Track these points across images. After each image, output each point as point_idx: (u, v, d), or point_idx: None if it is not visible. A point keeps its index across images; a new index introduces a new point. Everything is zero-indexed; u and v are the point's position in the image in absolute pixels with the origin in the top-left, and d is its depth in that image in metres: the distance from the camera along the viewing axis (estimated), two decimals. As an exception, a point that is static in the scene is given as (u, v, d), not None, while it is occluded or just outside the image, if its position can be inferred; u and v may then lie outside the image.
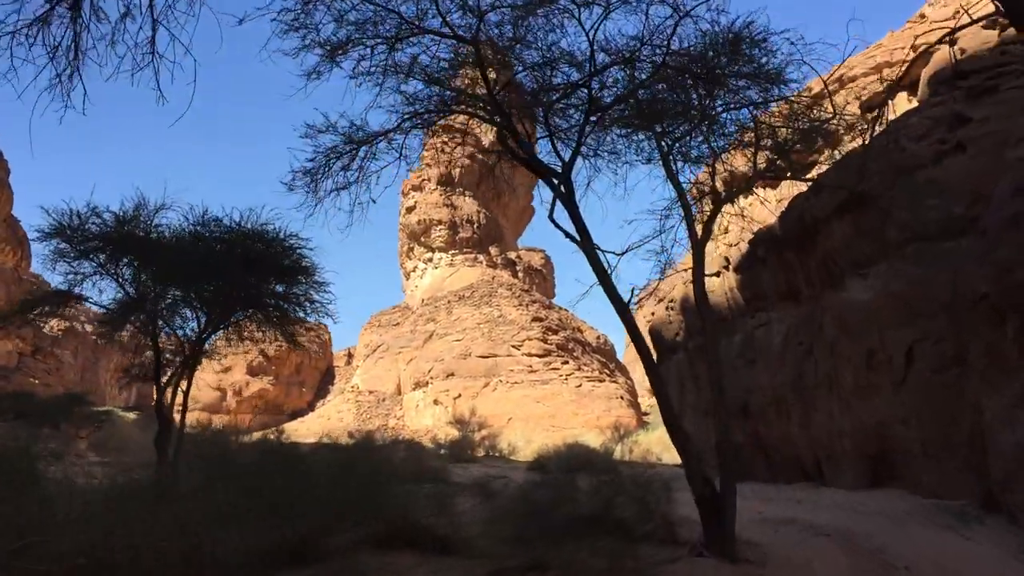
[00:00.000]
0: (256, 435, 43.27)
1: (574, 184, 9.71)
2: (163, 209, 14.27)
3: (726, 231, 24.99)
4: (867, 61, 20.65)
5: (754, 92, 10.30)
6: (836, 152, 12.22)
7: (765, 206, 21.07)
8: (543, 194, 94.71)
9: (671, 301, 25.70)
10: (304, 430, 60.68)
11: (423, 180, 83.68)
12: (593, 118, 9.93)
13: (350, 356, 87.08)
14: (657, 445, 35.12)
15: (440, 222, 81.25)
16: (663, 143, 10.32)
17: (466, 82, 10.51)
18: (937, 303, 12.66)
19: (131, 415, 68.20)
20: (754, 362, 19.53)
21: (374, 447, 29.19)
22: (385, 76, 8.74)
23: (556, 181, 9.69)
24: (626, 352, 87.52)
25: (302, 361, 74.27)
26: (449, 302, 75.32)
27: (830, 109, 11.65)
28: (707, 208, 10.69)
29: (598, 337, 76.41)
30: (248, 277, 14.02)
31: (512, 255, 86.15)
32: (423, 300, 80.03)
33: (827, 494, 14.98)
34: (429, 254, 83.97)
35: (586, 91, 9.56)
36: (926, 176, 13.35)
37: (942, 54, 15.73)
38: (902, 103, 23.25)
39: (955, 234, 12.77)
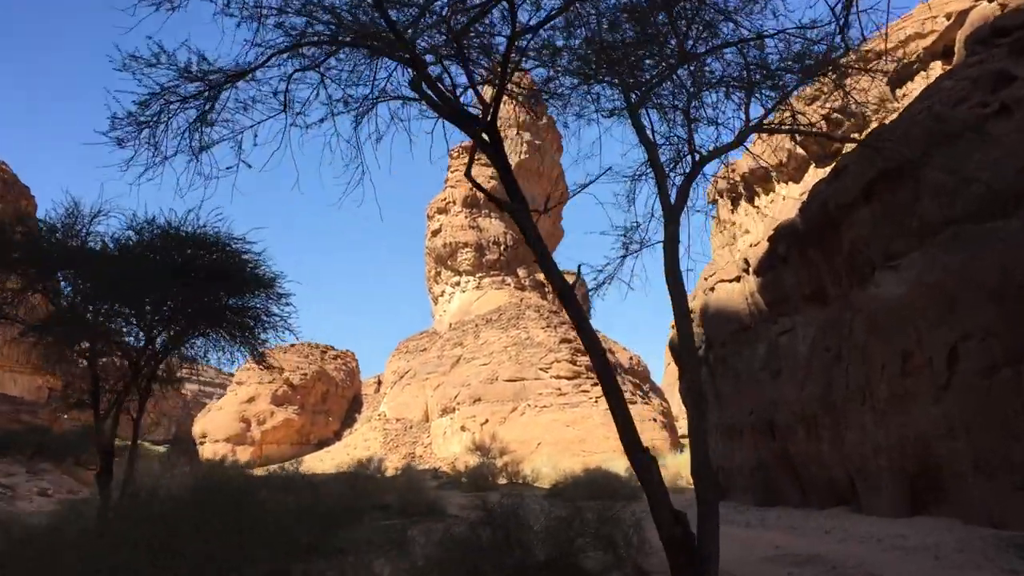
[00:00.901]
0: (269, 468, 42.00)
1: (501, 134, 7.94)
2: (100, 216, 12.88)
3: (746, 232, 23.10)
4: (896, 34, 18.75)
5: (744, 24, 8.27)
6: (848, 98, 10.07)
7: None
8: (573, 213, 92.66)
9: (690, 312, 23.73)
10: (329, 460, 59.28)
11: (448, 202, 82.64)
12: (523, 43, 8.13)
13: (379, 384, 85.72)
14: (688, 468, 32.89)
15: (466, 245, 79.97)
16: (631, 93, 8.45)
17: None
18: (983, 293, 10.63)
19: (160, 448, 67.65)
20: (779, 373, 17.49)
21: (371, 478, 27.63)
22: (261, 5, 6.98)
23: (477, 128, 7.95)
24: (665, 374, 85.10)
25: (328, 390, 72.96)
26: (476, 325, 73.73)
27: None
28: (684, 171, 8.73)
29: (631, 358, 74.20)
30: (191, 289, 12.47)
31: (541, 277, 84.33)
32: (451, 324, 78.57)
33: (862, 523, 12.86)
34: (456, 278, 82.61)
35: (507, 4, 7.66)
36: (966, 145, 11.36)
37: (979, 12, 13.78)
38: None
39: (1002, 211, 10.76)
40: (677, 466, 34.62)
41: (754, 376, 18.51)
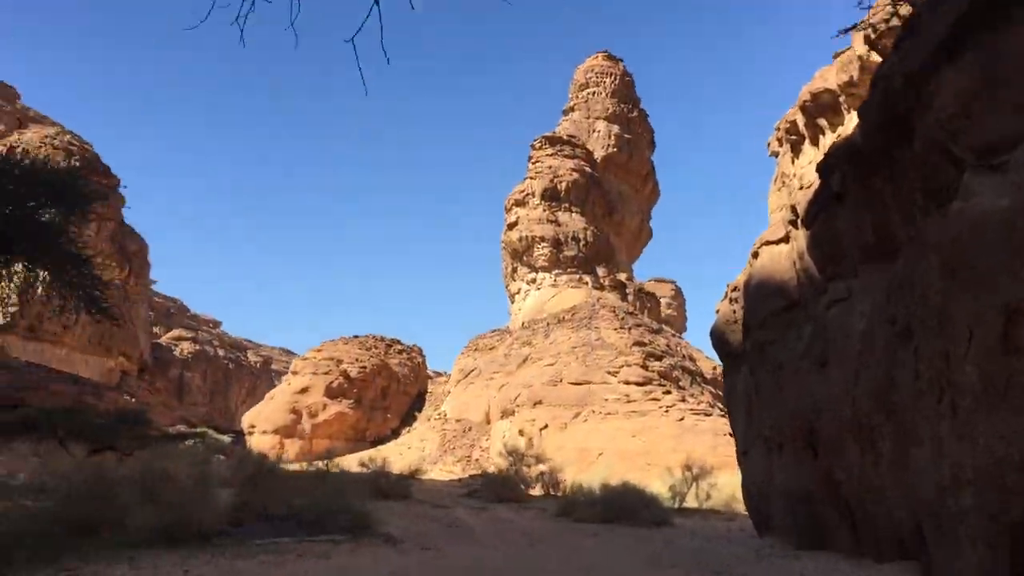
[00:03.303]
0: (298, 465, 38.71)
1: None
2: None
3: (800, 182, 17.62)
4: None
5: None
6: None
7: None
8: (662, 212, 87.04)
9: (734, 290, 18.40)
10: (380, 459, 55.79)
11: (526, 194, 78.37)
12: None
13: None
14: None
15: (543, 239, 75.41)
16: None
17: None
18: None
19: (226, 438, 66.11)
20: (825, 362, 12.15)
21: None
22: None
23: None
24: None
25: (389, 385, 69.81)
26: (547, 324, 69.10)
27: None
28: None
29: (715, 368, 67.78)
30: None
31: (622, 276, 78.80)
32: (523, 323, 74.22)
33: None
34: (532, 274, 78.19)
35: None
36: None
37: None
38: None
39: None
40: (735, 487, 29.13)
41: (794, 368, 13.20)
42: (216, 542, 11.14)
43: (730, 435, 49.73)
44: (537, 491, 35.67)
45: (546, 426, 54.71)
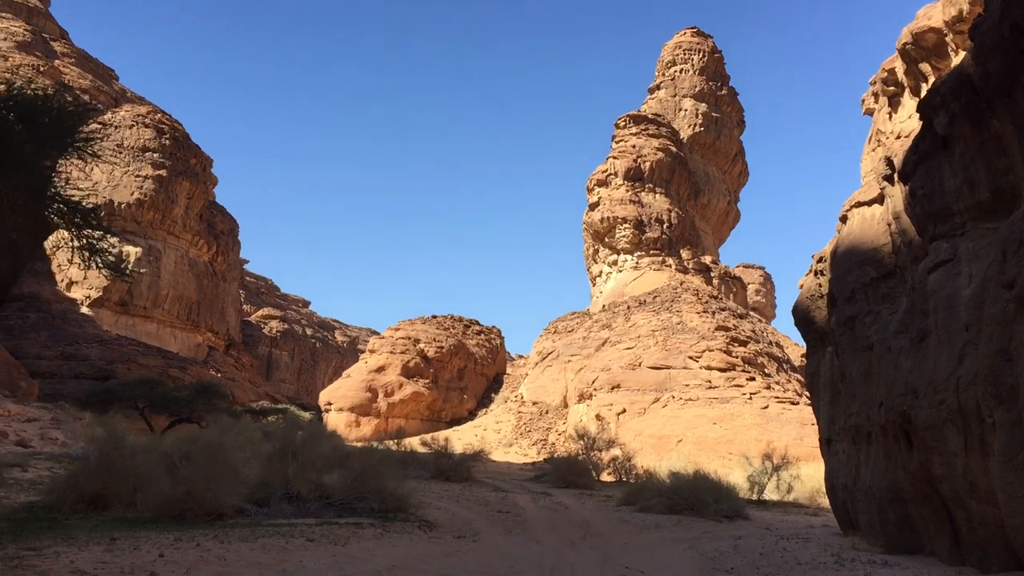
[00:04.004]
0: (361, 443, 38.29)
1: None
2: None
3: (896, 137, 15.42)
4: None
5: None
6: None
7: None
8: (750, 196, 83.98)
9: (820, 260, 16.47)
10: (455, 440, 55.36)
11: (609, 174, 76.25)
12: None
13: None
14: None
15: (625, 220, 73.24)
16: None
17: None
18: None
19: (307, 414, 66.93)
20: (924, 337, 10.31)
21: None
22: None
23: None
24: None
25: (466, 366, 69.17)
26: (628, 307, 67.13)
27: None
28: None
29: (803, 355, 64.45)
30: None
31: (707, 259, 75.94)
32: (604, 306, 72.43)
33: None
34: (614, 256, 76.20)
35: None
36: None
37: None
38: None
39: None
40: (819, 479, 27.02)
41: (885, 346, 11.38)
42: (229, 522, 10.25)
43: (815, 424, 46.97)
44: (608, 476, 34.29)
45: (624, 411, 53.02)
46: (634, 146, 76.41)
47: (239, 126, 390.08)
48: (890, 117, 16.28)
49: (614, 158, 76.74)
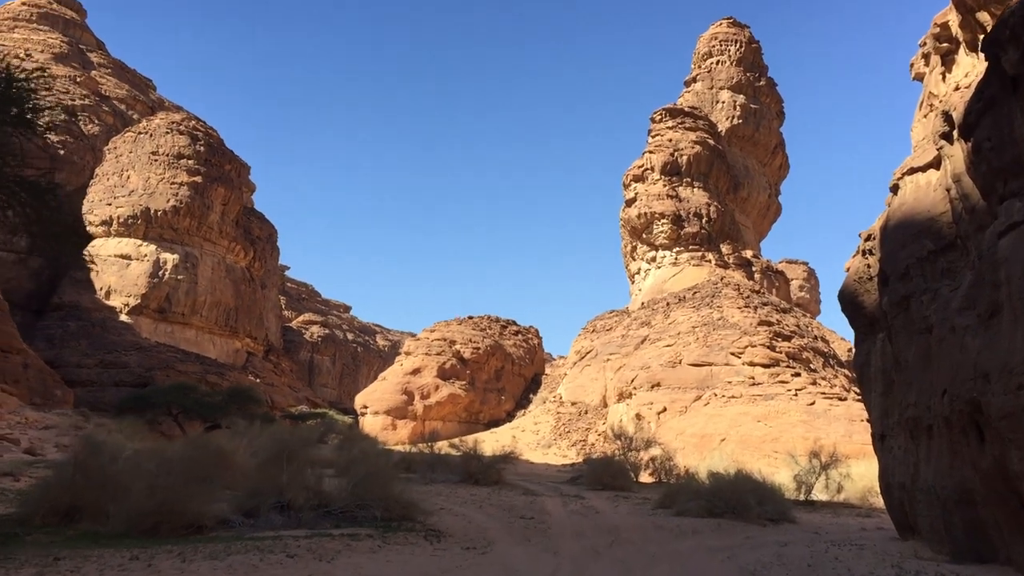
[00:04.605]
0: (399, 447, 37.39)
1: None
2: None
3: (949, 88, 13.72)
4: None
5: None
6: None
7: None
8: (792, 190, 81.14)
9: (868, 239, 14.95)
10: (493, 442, 54.27)
11: (645, 169, 74.54)
12: None
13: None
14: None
15: (663, 215, 71.42)
16: None
17: None
18: None
19: (347, 418, 66.45)
20: (994, 314, 8.88)
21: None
22: None
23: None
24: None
25: (503, 367, 68.02)
26: (667, 304, 65.42)
27: None
28: None
29: (850, 349, 62.04)
30: None
31: (748, 254, 73.78)
32: (643, 304, 70.76)
33: None
34: (652, 252, 74.44)
35: None
36: None
37: None
38: None
39: None
40: (871, 478, 25.33)
41: (949, 325, 9.93)
42: (207, 536, 9.22)
43: (867, 420, 44.71)
44: (649, 477, 32.88)
45: (664, 409, 51.41)
46: (671, 140, 74.60)
47: (282, 135, 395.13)
48: (943, 78, 14.73)
49: (650, 152, 75.03)
